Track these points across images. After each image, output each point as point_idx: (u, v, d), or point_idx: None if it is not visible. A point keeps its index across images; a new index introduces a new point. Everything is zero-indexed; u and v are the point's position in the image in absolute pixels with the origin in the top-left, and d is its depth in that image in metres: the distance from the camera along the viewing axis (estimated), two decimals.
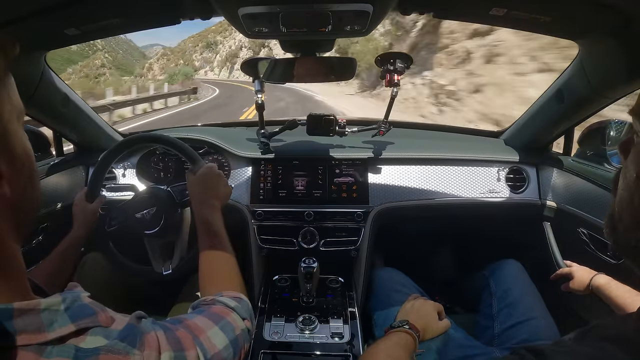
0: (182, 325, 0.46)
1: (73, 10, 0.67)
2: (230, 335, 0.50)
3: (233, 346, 0.49)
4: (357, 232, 1.20)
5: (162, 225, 0.90)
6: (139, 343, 0.37)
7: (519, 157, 1.24)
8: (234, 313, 0.54)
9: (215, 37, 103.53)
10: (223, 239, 0.70)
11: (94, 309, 0.37)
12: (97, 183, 0.94)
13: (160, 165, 1.32)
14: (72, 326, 0.34)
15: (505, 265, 1.05)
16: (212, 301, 0.55)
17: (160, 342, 0.40)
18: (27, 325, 0.31)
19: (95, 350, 0.34)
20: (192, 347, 0.43)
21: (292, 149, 1.26)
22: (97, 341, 0.35)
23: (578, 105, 0.98)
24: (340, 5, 0.66)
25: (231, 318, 0.52)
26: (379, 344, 0.72)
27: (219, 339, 0.47)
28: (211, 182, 0.80)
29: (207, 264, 0.67)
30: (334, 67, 0.96)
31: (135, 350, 0.37)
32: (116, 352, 0.35)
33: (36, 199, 0.40)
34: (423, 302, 0.88)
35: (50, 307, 0.34)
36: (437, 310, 0.86)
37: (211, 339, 0.46)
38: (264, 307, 1.10)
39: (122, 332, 0.37)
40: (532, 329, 0.87)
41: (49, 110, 1.03)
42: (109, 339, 0.36)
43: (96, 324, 0.36)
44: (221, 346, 0.47)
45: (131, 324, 0.39)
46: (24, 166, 0.37)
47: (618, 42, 0.72)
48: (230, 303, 0.55)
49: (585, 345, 0.37)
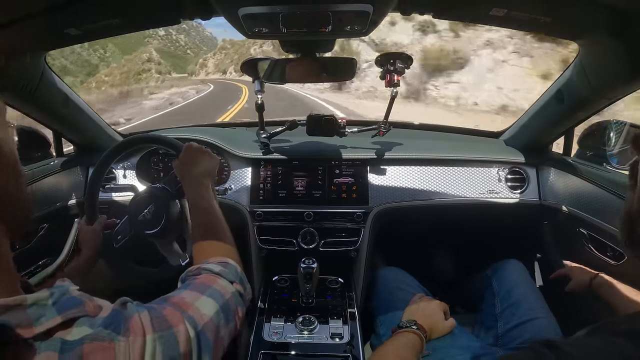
0: (168, 303, 0.45)
1: (73, 10, 0.67)
2: (220, 300, 0.49)
3: (224, 311, 0.48)
4: (356, 232, 1.19)
5: (165, 220, 0.90)
6: (123, 329, 0.37)
7: (518, 157, 1.24)
8: (220, 278, 0.53)
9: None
10: (212, 211, 0.70)
11: (81, 299, 0.37)
12: (93, 204, 0.94)
13: (160, 166, 1.32)
14: (58, 318, 0.34)
15: (507, 265, 1.05)
16: (197, 270, 0.54)
17: (144, 325, 0.39)
18: (13, 321, 0.31)
19: (80, 341, 0.34)
20: (180, 322, 0.42)
21: (292, 150, 1.26)
22: (82, 331, 0.34)
23: (578, 106, 0.98)
24: (340, 6, 0.66)
25: (218, 285, 0.51)
26: (387, 344, 0.72)
27: (208, 307, 0.47)
28: (194, 158, 0.79)
29: (197, 236, 0.66)
30: (333, 67, 0.96)
31: (120, 337, 0.36)
32: (100, 339, 0.35)
33: (22, 196, 0.40)
34: (429, 302, 0.87)
35: (37, 302, 0.34)
36: (443, 309, 0.86)
37: (200, 309, 0.45)
38: (264, 307, 1.09)
39: (106, 319, 0.37)
40: (536, 328, 0.87)
41: (49, 110, 1.03)
42: (94, 327, 0.35)
43: (83, 313, 0.36)
44: (211, 313, 0.46)
45: (116, 310, 0.39)
46: (9, 161, 0.37)
47: (618, 42, 0.72)
48: (215, 268, 0.54)
49: (597, 339, 0.37)
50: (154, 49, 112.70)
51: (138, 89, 22.45)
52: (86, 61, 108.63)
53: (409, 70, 1.04)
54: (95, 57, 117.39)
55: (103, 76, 79.82)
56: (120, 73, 78.57)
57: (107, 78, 75.76)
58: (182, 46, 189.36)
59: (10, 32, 0.69)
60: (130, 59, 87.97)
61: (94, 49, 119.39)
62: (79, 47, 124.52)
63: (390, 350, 0.69)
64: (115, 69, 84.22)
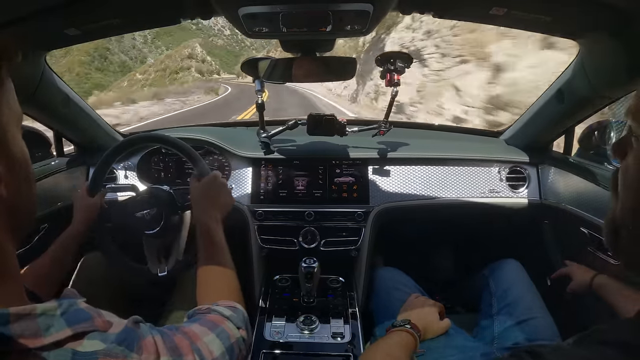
0: (179, 332, 0.46)
1: (73, 10, 0.67)
2: (226, 342, 0.50)
3: (229, 353, 0.49)
4: (357, 232, 1.20)
5: (162, 226, 0.90)
6: (136, 347, 0.37)
7: (519, 156, 1.24)
8: (228, 322, 0.54)
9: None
10: (222, 249, 0.71)
11: (90, 314, 0.37)
12: (99, 178, 0.93)
13: (161, 166, 1.32)
14: (68, 330, 0.34)
15: (505, 265, 1.05)
16: (207, 310, 0.56)
17: (158, 347, 0.40)
18: (23, 330, 0.31)
19: (92, 354, 0.34)
20: (189, 352, 0.43)
21: (292, 149, 1.26)
22: (94, 345, 0.35)
23: (578, 105, 0.98)
24: (341, 5, 0.66)
25: (226, 326, 0.53)
26: (379, 343, 0.72)
27: (216, 346, 0.48)
28: (215, 191, 0.80)
29: (206, 273, 0.67)
30: (334, 67, 0.96)
31: (134, 354, 0.37)
32: (114, 355, 0.35)
33: (32, 202, 0.41)
34: (424, 301, 0.87)
35: (46, 312, 0.34)
36: (438, 310, 0.86)
37: (208, 346, 0.47)
38: (265, 307, 1.10)
39: (119, 335, 0.37)
40: (532, 328, 0.87)
41: (50, 110, 1.03)
42: (107, 342, 0.36)
43: (93, 328, 0.36)
44: (218, 353, 0.47)
45: (129, 328, 0.39)
46: (21, 169, 0.38)
47: (618, 41, 0.72)
48: (225, 312, 0.56)
49: (584, 348, 0.36)
50: (199, 45, 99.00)
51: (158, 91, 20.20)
52: (145, 57, 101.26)
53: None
54: (156, 53, 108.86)
55: (137, 74, 70.85)
56: (156, 71, 68.28)
57: (141, 76, 67.18)
58: (248, 47, 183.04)
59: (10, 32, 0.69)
60: (169, 55, 77.13)
61: (156, 45, 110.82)
62: (140, 42, 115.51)
63: (382, 348, 0.70)
64: (151, 65, 74.08)
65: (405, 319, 0.78)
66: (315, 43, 0.92)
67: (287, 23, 0.71)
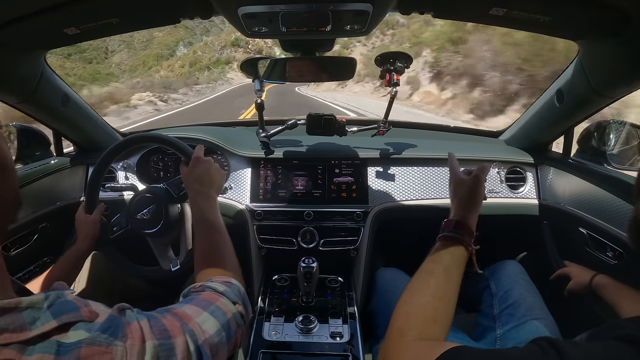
0: (169, 314, 0.45)
1: (73, 10, 0.67)
2: (222, 319, 0.49)
3: (225, 330, 0.49)
4: (356, 232, 1.19)
5: (163, 222, 0.90)
6: (121, 334, 0.37)
7: (518, 157, 1.24)
8: (223, 297, 0.53)
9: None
10: (217, 227, 0.70)
11: (77, 305, 0.37)
12: (94, 193, 0.94)
13: (160, 165, 1.32)
14: (54, 322, 0.34)
15: (505, 266, 1.05)
16: (201, 287, 0.55)
17: (143, 331, 0.39)
18: (8, 324, 0.31)
19: (76, 344, 0.34)
20: (179, 334, 0.42)
21: (291, 149, 1.26)
22: (79, 335, 0.34)
23: (578, 105, 0.98)
24: (340, 5, 0.66)
25: (221, 302, 0.52)
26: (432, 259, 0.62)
27: (210, 324, 0.47)
28: (203, 169, 0.79)
29: (202, 253, 0.66)
30: (333, 67, 0.96)
31: (118, 342, 0.36)
32: (97, 344, 0.35)
33: (10, 195, 0.40)
34: (478, 185, 0.70)
35: (32, 305, 0.34)
36: None
37: (201, 325, 0.46)
38: (264, 306, 1.10)
39: (103, 324, 0.37)
40: (534, 329, 0.87)
41: (49, 109, 1.03)
42: (91, 332, 0.35)
43: (79, 318, 0.36)
44: (212, 331, 0.47)
45: (113, 315, 0.39)
46: None
47: (618, 42, 0.72)
48: (219, 288, 0.55)
49: (598, 344, 0.37)
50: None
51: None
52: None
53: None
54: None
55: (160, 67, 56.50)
56: (181, 66, 53.99)
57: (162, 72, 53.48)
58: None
59: (10, 31, 0.69)
60: (199, 47, 62.70)
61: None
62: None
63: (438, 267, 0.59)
64: (177, 60, 60.87)
65: (461, 220, 0.67)
66: (315, 43, 0.92)
67: (287, 23, 0.71)
